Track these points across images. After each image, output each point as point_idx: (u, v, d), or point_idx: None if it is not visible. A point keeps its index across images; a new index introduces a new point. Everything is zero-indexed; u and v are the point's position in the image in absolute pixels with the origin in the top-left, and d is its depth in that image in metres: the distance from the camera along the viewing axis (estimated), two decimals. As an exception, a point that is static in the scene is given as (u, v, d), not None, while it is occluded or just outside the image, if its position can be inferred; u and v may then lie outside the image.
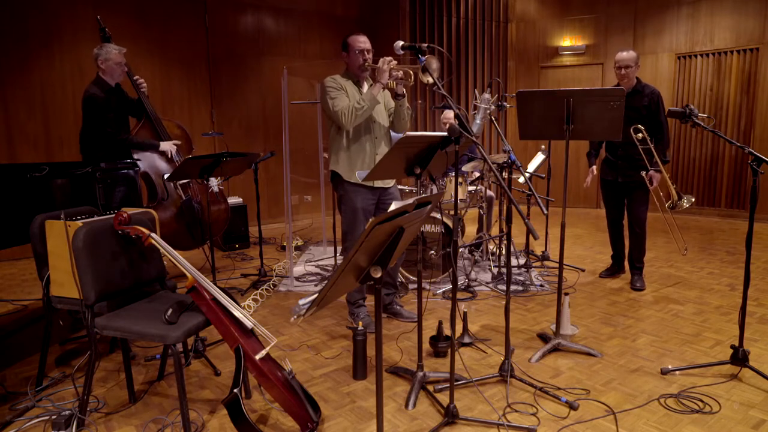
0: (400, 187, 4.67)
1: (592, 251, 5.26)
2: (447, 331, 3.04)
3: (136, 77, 4.17)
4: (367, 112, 3.07)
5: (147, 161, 4.22)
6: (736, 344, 2.65)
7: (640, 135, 3.71)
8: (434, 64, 2.66)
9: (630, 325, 3.38)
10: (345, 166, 3.19)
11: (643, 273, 4.14)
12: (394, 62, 2.99)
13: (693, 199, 3.83)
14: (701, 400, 2.43)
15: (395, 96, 3.18)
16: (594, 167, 4.22)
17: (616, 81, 3.99)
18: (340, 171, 3.20)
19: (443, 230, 4.02)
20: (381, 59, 3.00)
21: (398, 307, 3.52)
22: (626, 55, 3.82)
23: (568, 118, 2.80)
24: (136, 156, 4.14)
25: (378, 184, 3.25)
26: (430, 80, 2.57)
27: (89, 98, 3.81)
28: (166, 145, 4.24)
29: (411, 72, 3.02)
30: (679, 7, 6.92)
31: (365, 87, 3.23)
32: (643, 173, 3.82)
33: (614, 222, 4.24)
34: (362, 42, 3.14)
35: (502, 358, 2.72)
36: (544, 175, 4.80)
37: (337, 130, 3.20)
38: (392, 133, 3.41)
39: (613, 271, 4.39)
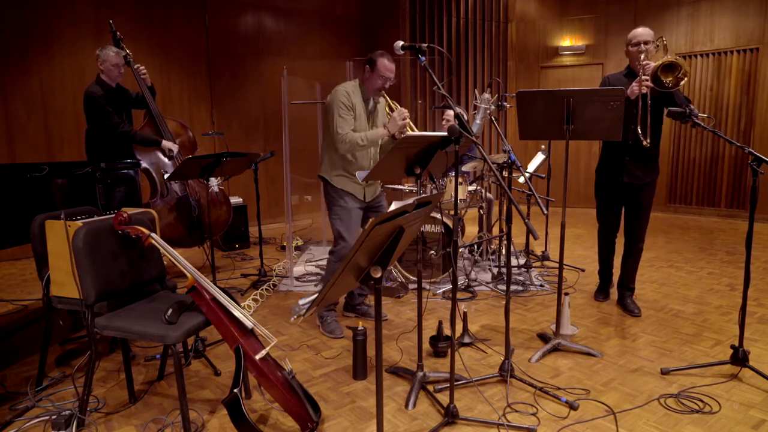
0: (399, 186, 4.68)
1: (592, 251, 5.24)
2: (447, 331, 3.04)
3: (137, 66, 4.20)
4: (363, 150, 3.16)
5: (149, 157, 4.23)
6: (736, 344, 2.66)
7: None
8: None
9: (630, 325, 3.38)
10: (340, 178, 3.22)
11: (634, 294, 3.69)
12: (409, 118, 3.03)
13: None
14: (701, 400, 2.43)
15: (393, 137, 3.17)
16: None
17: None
18: (334, 183, 3.23)
19: (443, 230, 4.02)
20: (397, 111, 3.02)
21: (366, 308, 3.58)
22: (642, 30, 3.20)
23: (568, 118, 2.79)
24: (138, 155, 4.17)
25: (368, 197, 3.30)
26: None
27: (87, 95, 3.90)
28: (168, 144, 4.26)
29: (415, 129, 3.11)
30: (679, 7, 6.92)
31: (371, 103, 3.25)
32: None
33: (608, 233, 3.67)
34: (390, 71, 3.13)
35: (502, 358, 2.72)
36: (544, 175, 4.80)
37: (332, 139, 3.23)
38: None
39: (604, 289, 3.88)
